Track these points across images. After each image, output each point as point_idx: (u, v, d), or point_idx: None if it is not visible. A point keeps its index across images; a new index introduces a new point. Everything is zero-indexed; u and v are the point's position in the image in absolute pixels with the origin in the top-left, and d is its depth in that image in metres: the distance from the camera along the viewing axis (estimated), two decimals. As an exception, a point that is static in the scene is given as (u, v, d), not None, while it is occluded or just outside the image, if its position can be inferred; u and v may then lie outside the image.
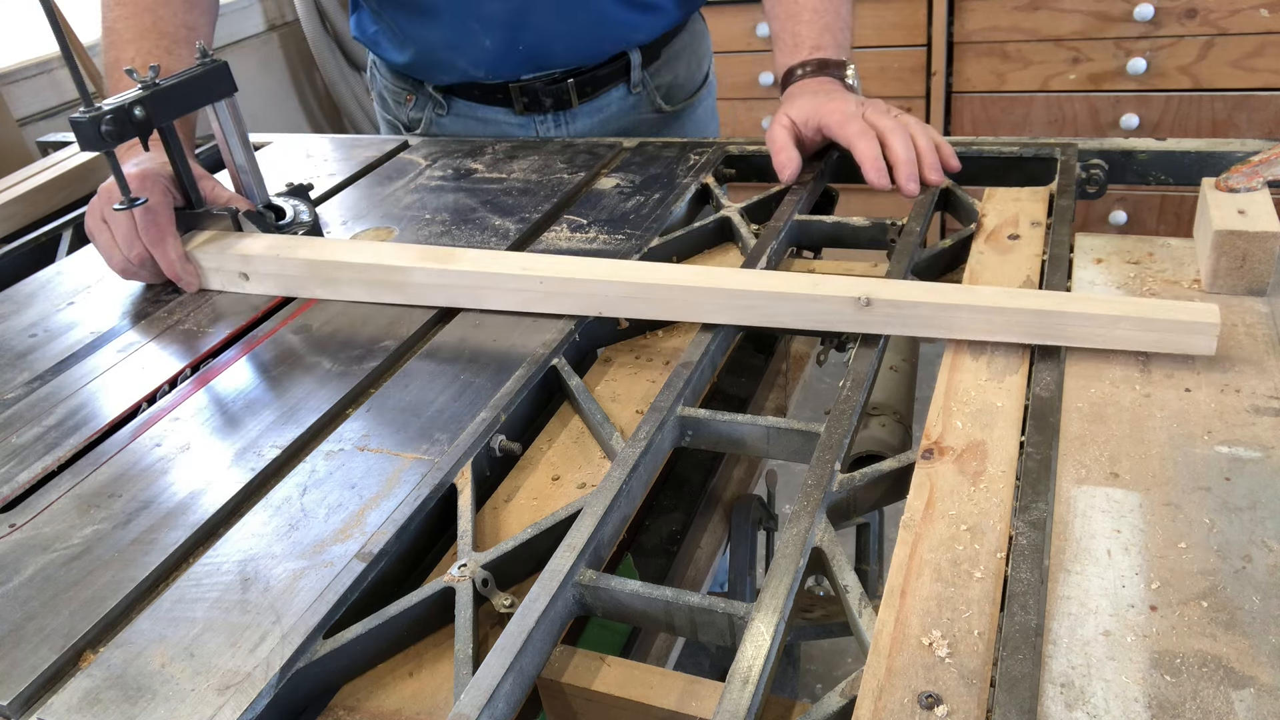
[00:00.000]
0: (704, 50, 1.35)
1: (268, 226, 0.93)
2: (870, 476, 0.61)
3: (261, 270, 0.89)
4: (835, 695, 0.48)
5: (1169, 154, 0.93)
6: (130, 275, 0.93)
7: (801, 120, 0.98)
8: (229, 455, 0.69)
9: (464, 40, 1.16)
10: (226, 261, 0.90)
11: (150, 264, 0.91)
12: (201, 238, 0.92)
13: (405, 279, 0.84)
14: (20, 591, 0.58)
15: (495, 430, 0.68)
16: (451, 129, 1.29)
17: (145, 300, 0.93)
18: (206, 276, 0.92)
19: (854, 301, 0.71)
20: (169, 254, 0.89)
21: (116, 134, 0.80)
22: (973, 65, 2.24)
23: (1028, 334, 0.69)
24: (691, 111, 1.33)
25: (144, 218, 0.88)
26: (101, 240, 0.91)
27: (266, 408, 0.74)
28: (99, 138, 0.79)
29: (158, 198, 0.88)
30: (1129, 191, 2.23)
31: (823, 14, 1.04)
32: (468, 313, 0.84)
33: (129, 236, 0.89)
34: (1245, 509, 0.54)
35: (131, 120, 0.81)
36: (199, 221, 0.93)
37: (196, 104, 0.87)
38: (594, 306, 0.79)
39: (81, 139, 0.80)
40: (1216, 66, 2.05)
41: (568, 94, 1.22)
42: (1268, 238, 0.70)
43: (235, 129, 0.92)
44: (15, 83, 1.93)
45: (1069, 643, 0.48)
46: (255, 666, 0.51)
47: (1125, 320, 0.66)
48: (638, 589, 0.54)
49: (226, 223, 0.92)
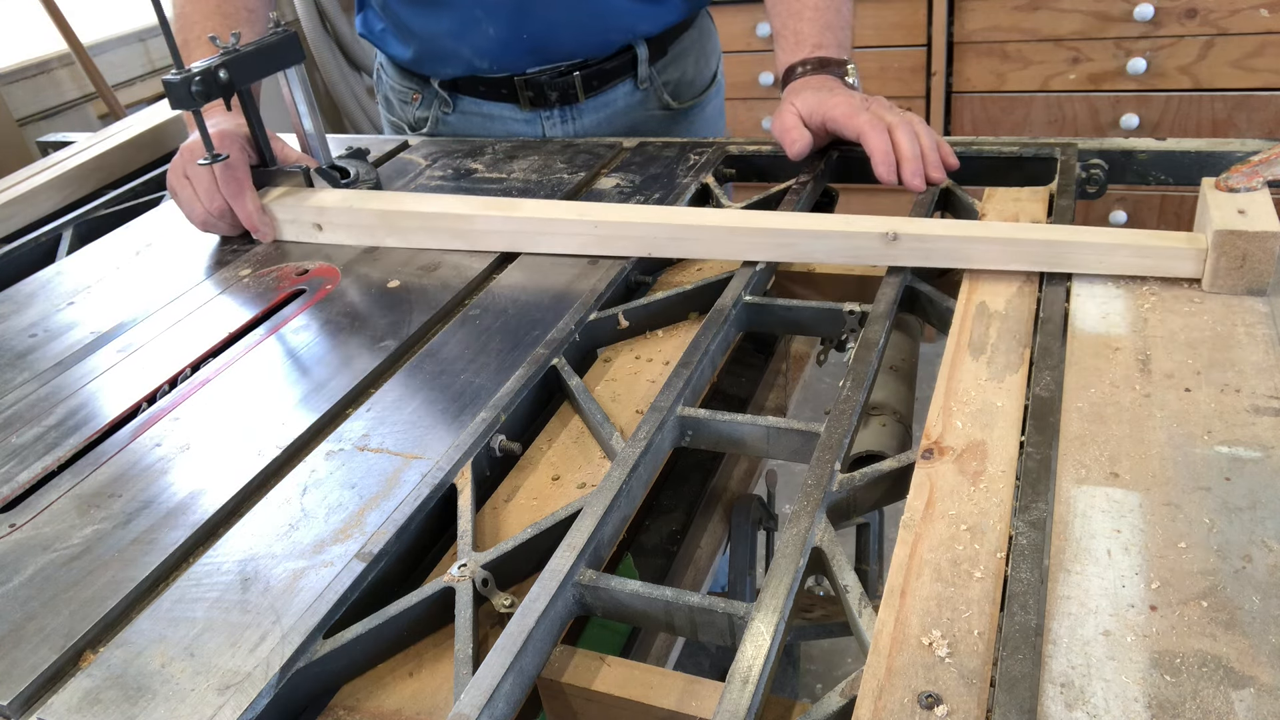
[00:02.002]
0: (712, 48, 1.34)
1: (336, 183, 1.02)
2: (870, 476, 0.61)
3: (335, 221, 0.97)
4: (835, 695, 0.48)
5: (1169, 154, 0.93)
6: (210, 227, 1.01)
7: (807, 113, 0.98)
8: (229, 455, 0.69)
9: (468, 29, 1.16)
10: (301, 213, 0.98)
11: (229, 216, 0.98)
12: (276, 192, 1.00)
13: (470, 226, 0.92)
14: (20, 591, 0.58)
15: (495, 430, 0.68)
16: (458, 127, 1.29)
17: (224, 250, 1.01)
18: (281, 228, 1.00)
19: (882, 236, 0.78)
20: (247, 206, 0.97)
21: (205, 94, 0.88)
22: (973, 65, 2.24)
23: (1036, 262, 0.76)
24: (700, 110, 1.33)
25: (224, 173, 0.96)
26: (184, 195, 0.99)
27: (267, 407, 0.74)
28: (190, 96, 0.87)
29: (237, 154, 0.96)
30: (1129, 191, 2.23)
31: (824, 12, 1.04)
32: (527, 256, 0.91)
33: (210, 190, 0.97)
34: (1245, 509, 0.54)
35: (218, 82, 0.89)
36: (272, 179, 1.01)
37: (272, 69, 0.96)
38: (644, 247, 0.88)
39: (173, 98, 0.88)
40: (1216, 66, 2.05)
41: (574, 88, 1.22)
42: (1268, 238, 0.70)
43: (304, 94, 1.01)
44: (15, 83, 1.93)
45: (1069, 643, 0.48)
46: (255, 666, 0.51)
47: (1122, 248, 0.74)
48: (638, 589, 0.54)
49: (298, 179, 1.01)
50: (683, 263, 0.92)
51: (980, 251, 0.77)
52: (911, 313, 0.82)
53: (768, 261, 0.84)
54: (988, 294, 0.76)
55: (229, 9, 1.08)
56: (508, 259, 0.92)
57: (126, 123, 1.39)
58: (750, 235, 0.83)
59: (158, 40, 2.35)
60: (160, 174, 1.25)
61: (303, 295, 0.90)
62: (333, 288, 0.90)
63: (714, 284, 0.83)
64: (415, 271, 0.91)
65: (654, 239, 0.87)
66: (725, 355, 0.80)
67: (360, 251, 0.96)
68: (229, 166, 0.95)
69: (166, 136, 1.35)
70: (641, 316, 0.82)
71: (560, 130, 1.26)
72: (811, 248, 0.82)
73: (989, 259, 0.77)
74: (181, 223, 1.06)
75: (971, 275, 0.78)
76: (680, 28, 1.26)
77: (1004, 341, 0.70)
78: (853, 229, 0.80)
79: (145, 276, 0.98)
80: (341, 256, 0.96)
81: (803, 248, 0.83)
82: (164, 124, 1.35)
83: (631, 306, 0.82)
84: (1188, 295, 0.74)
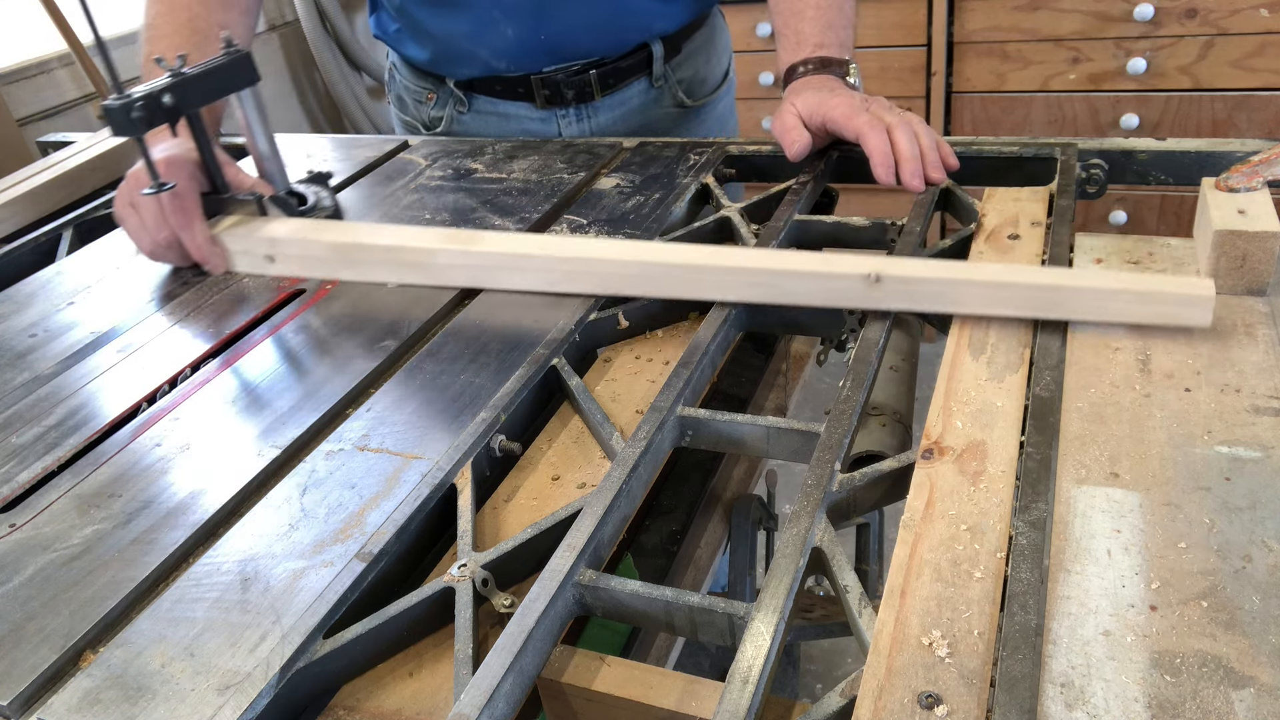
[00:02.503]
0: (723, 46, 1.35)
1: (292, 211, 0.96)
2: (870, 476, 0.61)
3: (287, 252, 0.92)
4: (835, 695, 0.48)
5: (1169, 154, 0.93)
6: (158, 258, 0.96)
7: (807, 113, 0.98)
8: (229, 455, 0.69)
9: (486, 30, 1.16)
10: (253, 244, 0.93)
11: (178, 247, 0.93)
12: (227, 221, 0.95)
13: (429, 260, 0.86)
14: (20, 591, 0.58)
15: (495, 430, 0.68)
16: (473, 126, 1.29)
17: (173, 283, 0.96)
18: (232, 259, 0.94)
19: (864, 278, 0.73)
20: (196, 237, 0.92)
21: (147, 119, 0.83)
22: (973, 65, 2.24)
23: (1030, 308, 0.71)
24: (712, 107, 1.34)
25: (171, 202, 0.90)
26: (130, 224, 0.95)
27: (267, 407, 0.74)
28: (130, 123, 0.82)
29: (185, 182, 0.91)
30: (1129, 191, 2.23)
31: (826, 11, 1.04)
32: (489, 293, 0.86)
33: (157, 220, 0.92)
34: (1245, 509, 0.54)
35: (161, 106, 0.84)
36: (224, 206, 0.95)
37: (221, 92, 0.90)
38: (611, 285, 0.82)
39: (114, 124, 0.82)
40: (1216, 66, 2.05)
41: (590, 86, 1.22)
42: (1268, 238, 0.70)
43: (258, 117, 0.95)
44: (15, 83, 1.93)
45: (1069, 643, 0.48)
46: (255, 666, 0.51)
47: (1123, 294, 0.69)
48: (638, 589, 0.54)
49: (251, 207, 0.95)
50: None
51: (969, 295, 0.72)
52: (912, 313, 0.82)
53: (743, 303, 0.79)
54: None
55: (200, 24, 1.03)
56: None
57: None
58: (724, 274, 0.78)
59: (158, 40, 2.34)
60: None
61: (303, 295, 0.90)
62: (333, 287, 0.90)
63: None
64: (415, 271, 0.91)
65: (621, 276, 0.81)
66: (725, 355, 0.80)
67: (360, 251, 0.96)
68: (177, 195, 0.90)
69: (166, 136, 1.34)
70: (641, 316, 0.82)
71: (576, 128, 1.26)
72: (789, 288, 0.76)
73: (979, 303, 0.72)
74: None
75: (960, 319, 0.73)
76: (693, 26, 1.27)
77: (1004, 341, 0.70)
78: (833, 270, 0.74)
79: (145, 276, 0.98)
80: (341, 256, 0.96)
81: (779, 288, 0.77)
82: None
83: (631, 306, 0.82)
84: (1188, 295, 0.74)
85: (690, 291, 0.80)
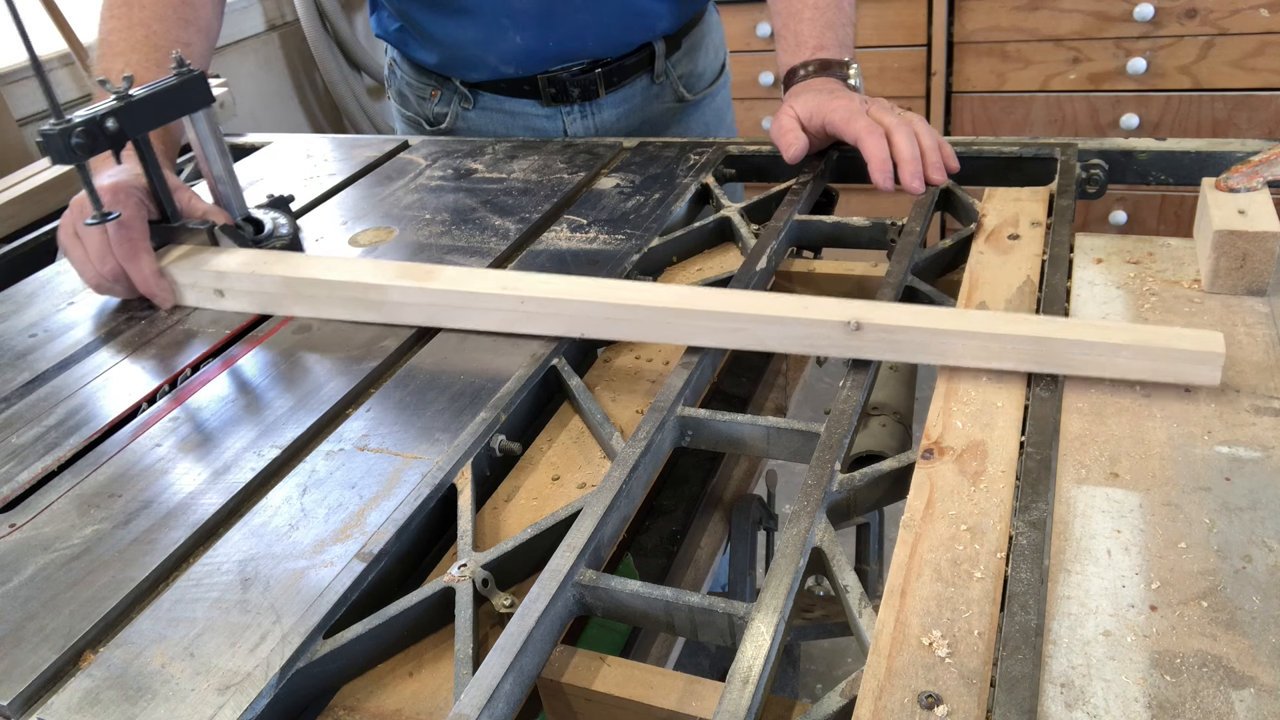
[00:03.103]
0: (719, 40, 1.37)
1: (245, 241, 0.91)
2: (870, 476, 0.61)
3: (237, 287, 0.86)
4: (835, 695, 0.48)
5: (1169, 154, 0.93)
6: (104, 291, 0.90)
7: (806, 116, 0.98)
8: (229, 455, 0.69)
9: (495, 38, 1.17)
10: (201, 278, 0.87)
11: (124, 280, 0.88)
12: (176, 253, 0.89)
13: (382, 297, 0.81)
14: (20, 591, 0.58)
15: (495, 430, 0.68)
16: (478, 123, 1.29)
17: (118, 318, 0.90)
18: (181, 293, 0.89)
19: (844, 326, 0.68)
20: (143, 270, 0.87)
21: (89, 147, 0.77)
22: (973, 65, 2.24)
23: (1024, 361, 0.66)
24: (711, 100, 1.36)
25: (117, 233, 0.85)
26: (74, 255, 0.89)
27: (267, 407, 0.74)
28: (69, 150, 0.76)
29: (131, 211, 0.85)
30: (1129, 191, 2.23)
31: (825, 11, 1.04)
32: (448, 333, 0.81)
33: (102, 251, 0.86)
34: (1245, 509, 0.54)
35: (104, 132, 0.79)
36: (175, 236, 0.90)
37: (171, 115, 0.85)
38: (576, 327, 0.77)
39: (51, 152, 0.77)
40: (1216, 66, 2.05)
41: (595, 84, 1.23)
42: (1268, 238, 0.70)
43: (213, 139, 0.90)
44: (15, 83, 1.93)
45: (1069, 643, 0.48)
46: (255, 666, 0.51)
47: (1127, 349, 0.64)
48: (638, 589, 0.54)
49: (203, 237, 0.89)
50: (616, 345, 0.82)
51: (957, 347, 0.67)
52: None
53: (715, 348, 0.74)
54: (988, 294, 0.76)
55: (160, 41, 0.98)
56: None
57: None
58: (696, 319, 0.72)
59: (158, 40, 2.34)
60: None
61: (303, 295, 0.90)
62: (333, 288, 0.90)
63: (714, 284, 0.83)
64: (415, 271, 0.91)
65: (587, 318, 0.76)
66: (725, 355, 0.80)
67: (360, 251, 0.96)
68: (123, 225, 0.84)
69: (166, 136, 1.34)
70: (641, 316, 0.82)
71: (580, 125, 1.27)
72: (765, 334, 0.71)
73: (967, 355, 0.67)
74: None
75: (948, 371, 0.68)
76: (692, 22, 1.29)
77: (1004, 341, 0.70)
78: (811, 316, 0.69)
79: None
80: (341, 256, 0.96)
81: (755, 333, 0.72)
82: (164, 124, 1.35)
83: (631, 306, 0.82)
84: (1188, 296, 0.74)
85: (661, 336, 0.75)
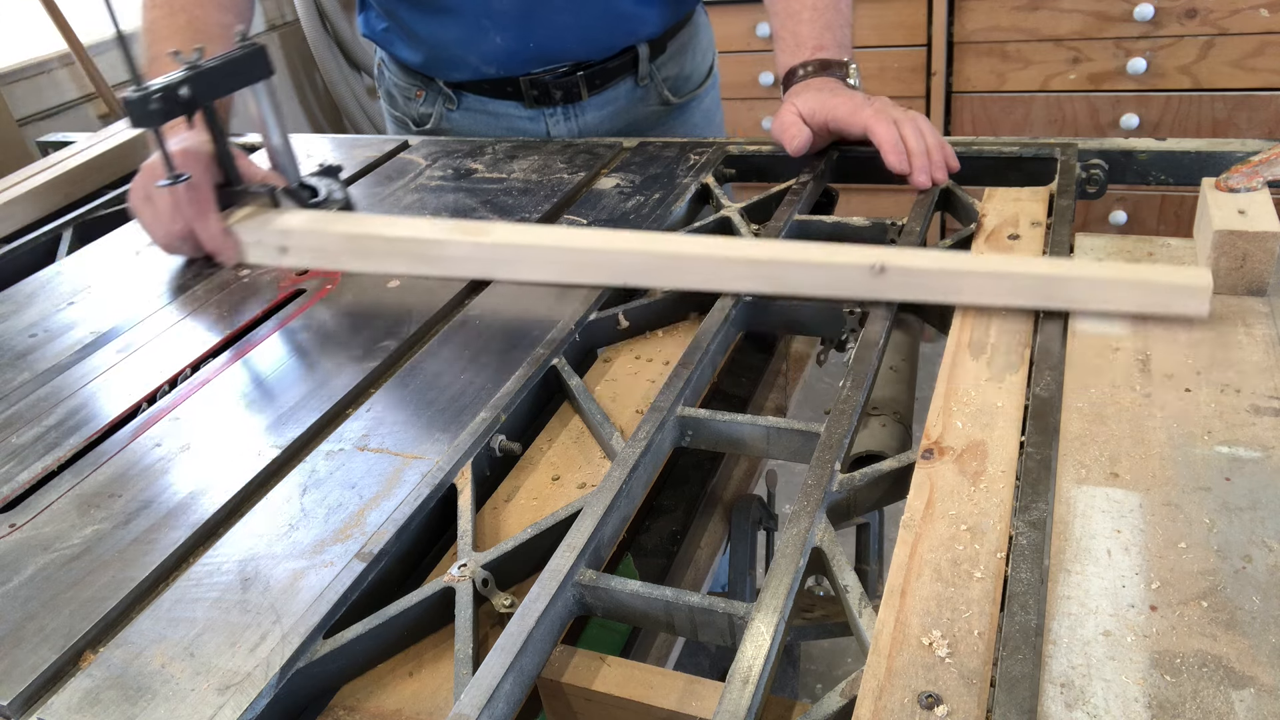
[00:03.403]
0: (707, 43, 1.36)
1: (304, 203, 0.98)
2: (870, 476, 0.61)
3: (300, 244, 0.92)
4: (835, 695, 0.48)
5: (1169, 154, 0.93)
6: (172, 250, 0.97)
7: (809, 113, 0.98)
8: (229, 455, 0.69)
9: (476, 37, 1.17)
10: (266, 235, 0.93)
11: (192, 238, 0.94)
12: (241, 213, 0.95)
13: (439, 252, 0.87)
14: (20, 591, 0.58)
15: (495, 430, 0.68)
16: (462, 123, 1.29)
17: (187, 275, 0.97)
18: (245, 250, 0.95)
19: (868, 269, 0.74)
20: (210, 228, 0.93)
21: (164, 111, 0.84)
22: (973, 65, 2.24)
23: (1031, 298, 0.72)
24: (698, 103, 1.35)
25: (186, 194, 0.91)
26: (145, 216, 0.95)
27: (267, 407, 0.74)
28: (148, 114, 0.83)
29: (200, 174, 0.91)
30: (1129, 191, 2.23)
31: (823, 12, 1.04)
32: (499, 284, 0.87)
33: (172, 212, 0.93)
34: (1245, 509, 0.54)
35: (178, 99, 0.85)
36: (237, 198, 0.96)
37: (237, 85, 0.91)
38: (620, 276, 0.83)
39: (133, 116, 0.83)
40: (1216, 66, 2.05)
41: (577, 87, 1.23)
42: (1268, 238, 0.70)
43: (272, 110, 0.96)
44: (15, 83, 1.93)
45: (1069, 643, 0.48)
46: (255, 666, 0.51)
47: (1122, 283, 0.70)
48: (638, 589, 0.54)
49: (264, 199, 0.96)
50: None
51: (971, 285, 0.74)
52: (912, 313, 0.82)
53: (749, 294, 0.80)
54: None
55: (201, 25, 1.04)
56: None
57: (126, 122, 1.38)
58: (731, 266, 0.79)
59: (158, 40, 2.34)
60: (160, 174, 1.25)
61: (303, 295, 0.90)
62: (333, 287, 0.90)
63: (714, 284, 0.83)
64: (415, 271, 0.91)
65: (630, 268, 0.82)
66: (725, 355, 0.80)
67: (360, 251, 0.96)
68: (191, 187, 0.91)
69: (166, 136, 1.35)
70: (641, 316, 0.82)
71: (564, 127, 1.27)
72: (795, 279, 0.78)
73: (981, 293, 0.74)
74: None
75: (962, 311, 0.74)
76: (677, 26, 1.28)
77: (1004, 341, 0.70)
78: (838, 260, 0.76)
79: (145, 276, 0.98)
80: (341, 256, 0.96)
81: (785, 279, 0.78)
82: (164, 124, 1.35)
83: (631, 306, 0.82)
84: (1188, 295, 0.74)
85: (698, 282, 0.81)
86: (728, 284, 0.80)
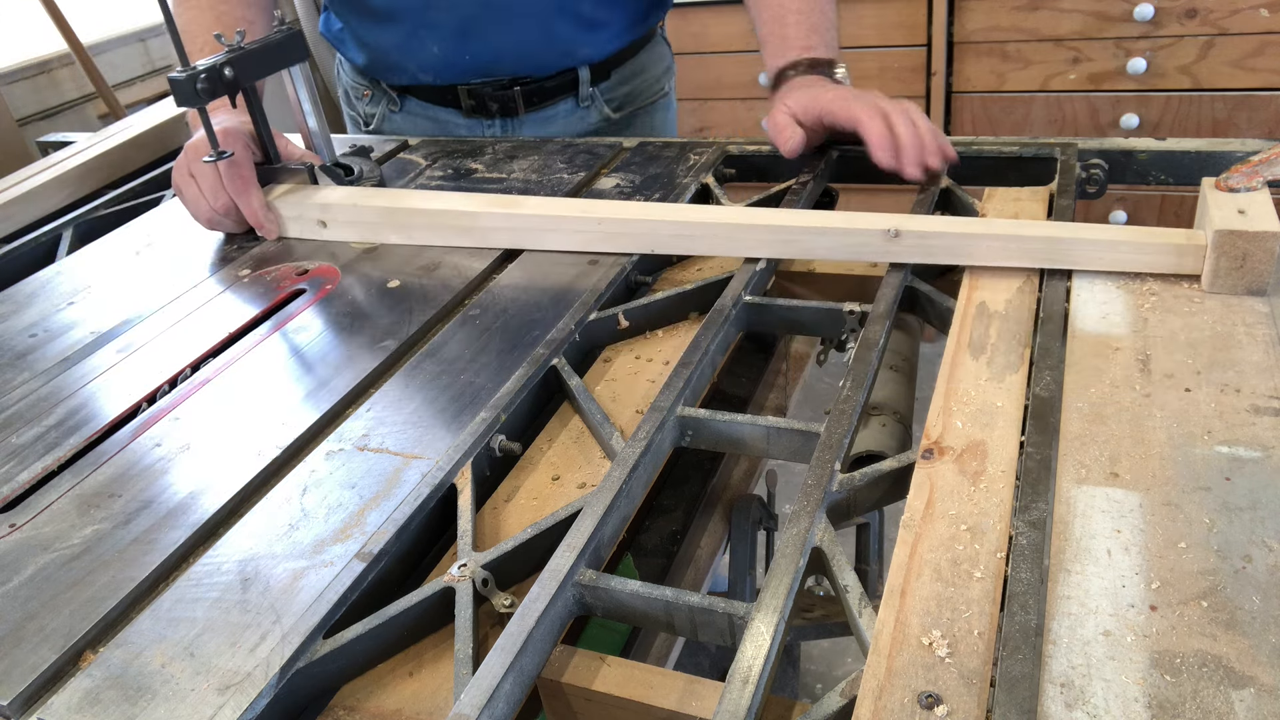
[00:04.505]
0: (662, 69, 1.37)
1: (341, 180, 1.03)
2: (870, 476, 0.61)
3: (340, 218, 0.98)
4: (835, 695, 0.48)
5: (1169, 154, 0.93)
6: (215, 225, 1.01)
7: (801, 109, 0.98)
8: (229, 455, 0.69)
9: (414, 46, 1.21)
10: (306, 210, 0.99)
11: (234, 213, 0.99)
12: (281, 189, 1.01)
13: (473, 223, 0.93)
14: (20, 591, 0.58)
15: (495, 430, 0.68)
16: (402, 126, 1.32)
17: (227, 248, 1.01)
18: (286, 225, 1.00)
19: (884, 233, 0.79)
20: (252, 203, 0.97)
21: (210, 91, 0.89)
22: (973, 65, 2.24)
23: (1037, 259, 0.77)
24: (647, 116, 1.35)
25: (229, 170, 0.96)
26: (189, 193, 0.99)
27: (267, 407, 0.74)
28: (195, 94, 0.87)
29: (241, 151, 0.96)
30: (1129, 191, 2.23)
31: (809, 15, 1.05)
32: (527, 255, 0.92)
33: (215, 188, 0.97)
34: (1245, 509, 0.54)
35: (222, 79, 0.90)
36: (277, 176, 1.02)
37: (276, 67, 0.96)
38: (647, 244, 0.88)
39: (179, 95, 0.88)
40: (1216, 66, 2.05)
41: (514, 102, 1.25)
42: (1268, 238, 0.70)
43: (308, 92, 1.01)
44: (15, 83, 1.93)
45: (1069, 643, 0.48)
46: (255, 666, 0.51)
47: (1123, 244, 0.75)
48: (638, 589, 0.54)
49: (303, 176, 1.01)
50: (683, 262, 0.92)
51: (981, 248, 0.78)
52: (911, 312, 0.82)
53: (769, 258, 0.85)
54: (988, 293, 0.76)
55: (228, 21, 1.09)
56: (508, 258, 0.92)
57: (127, 122, 1.39)
58: (753, 232, 0.84)
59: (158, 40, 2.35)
60: (161, 173, 1.25)
61: (303, 295, 0.90)
62: (333, 287, 0.90)
63: (714, 284, 0.83)
64: (415, 271, 0.91)
65: (657, 235, 0.87)
66: (725, 355, 0.80)
67: (360, 251, 0.96)
68: (234, 164, 0.95)
69: (167, 136, 1.35)
70: (641, 316, 0.82)
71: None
72: (813, 244, 0.83)
73: (990, 255, 0.78)
74: (182, 222, 1.06)
75: (972, 272, 0.79)
76: (626, 53, 1.28)
77: (1004, 341, 0.70)
78: (854, 225, 0.81)
79: (145, 276, 0.98)
80: (342, 256, 0.96)
81: (805, 244, 0.84)
82: (164, 123, 1.35)
83: (631, 306, 0.82)
84: (1188, 295, 0.74)
85: (724, 250, 0.86)
86: (749, 249, 0.85)
